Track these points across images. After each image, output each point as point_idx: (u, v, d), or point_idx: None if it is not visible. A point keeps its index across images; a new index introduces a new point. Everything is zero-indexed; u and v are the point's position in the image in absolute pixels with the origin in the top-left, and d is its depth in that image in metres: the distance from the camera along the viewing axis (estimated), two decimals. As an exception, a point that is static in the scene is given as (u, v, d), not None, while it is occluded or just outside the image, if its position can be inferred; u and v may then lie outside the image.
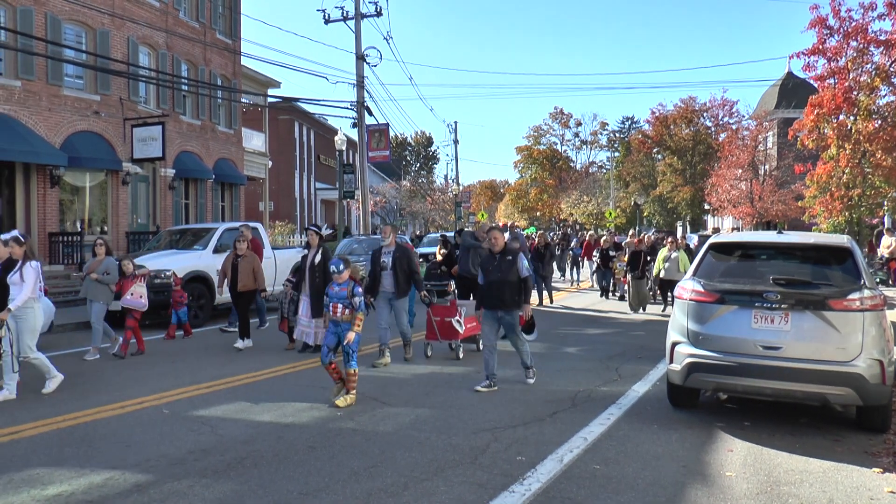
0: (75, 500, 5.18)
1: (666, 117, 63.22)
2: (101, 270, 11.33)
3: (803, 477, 5.69)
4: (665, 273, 16.70)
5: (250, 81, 33.83)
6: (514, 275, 8.62)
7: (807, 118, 22.04)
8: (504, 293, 8.64)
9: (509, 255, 8.72)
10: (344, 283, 8.00)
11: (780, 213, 43.19)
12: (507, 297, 8.64)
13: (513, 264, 8.66)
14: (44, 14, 20.84)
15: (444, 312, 10.94)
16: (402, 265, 10.54)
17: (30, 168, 20.65)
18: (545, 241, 19.34)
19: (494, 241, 8.83)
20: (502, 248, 8.82)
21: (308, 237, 11.51)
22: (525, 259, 8.85)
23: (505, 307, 8.67)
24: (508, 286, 8.61)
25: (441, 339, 10.98)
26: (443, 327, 10.88)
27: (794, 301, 6.70)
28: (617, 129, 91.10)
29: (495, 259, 8.79)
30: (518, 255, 8.76)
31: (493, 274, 8.71)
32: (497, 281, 8.65)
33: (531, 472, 5.69)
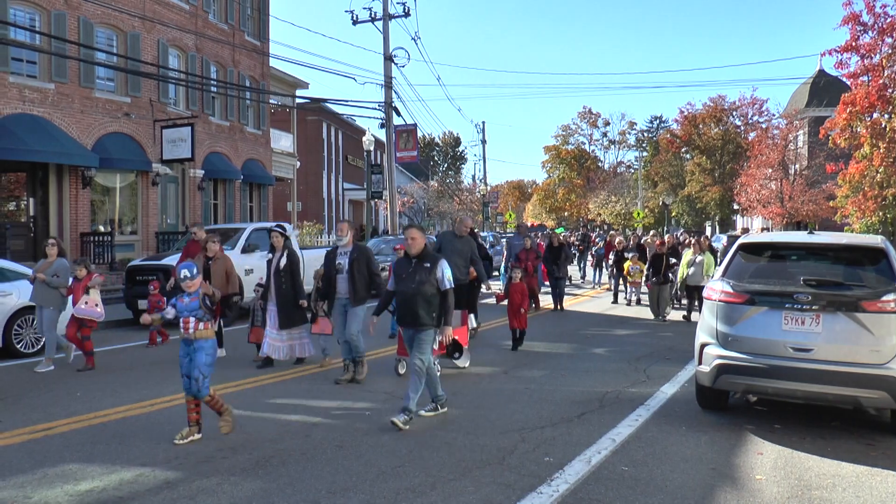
0: (107, 495, 5.24)
1: (695, 116, 62.72)
2: (50, 273, 10.38)
3: (836, 481, 5.61)
4: (690, 278, 15.66)
5: (278, 82, 34.08)
6: (431, 286, 7.18)
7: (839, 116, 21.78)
8: (417, 308, 7.16)
9: (427, 262, 7.26)
10: (195, 293, 6.76)
11: (811, 213, 42.65)
12: (422, 312, 7.16)
13: (430, 273, 7.20)
14: (76, 18, 21.16)
15: None
16: (360, 268, 9.21)
17: (62, 169, 20.98)
18: (559, 241, 18.24)
19: (411, 242, 7.35)
20: (419, 251, 7.32)
21: (272, 239, 10.52)
22: (446, 268, 7.29)
23: (417, 325, 7.19)
24: (423, 300, 7.16)
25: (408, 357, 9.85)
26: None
27: (826, 302, 6.61)
28: (645, 129, 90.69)
29: (410, 264, 7.35)
30: (439, 261, 7.30)
31: (405, 283, 7.27)
32: (410, 292, 7.19)
33: (559, 474, 5.66)
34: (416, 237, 7.37)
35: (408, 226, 8.19)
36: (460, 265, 11.64)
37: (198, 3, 26.60)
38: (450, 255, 11.42)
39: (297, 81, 35.64)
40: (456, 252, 11.74)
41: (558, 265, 17.63)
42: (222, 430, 6.63)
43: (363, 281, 9.20)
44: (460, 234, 12.04)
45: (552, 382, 9.17)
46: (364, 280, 9.21)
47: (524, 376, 9.57)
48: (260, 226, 17.26)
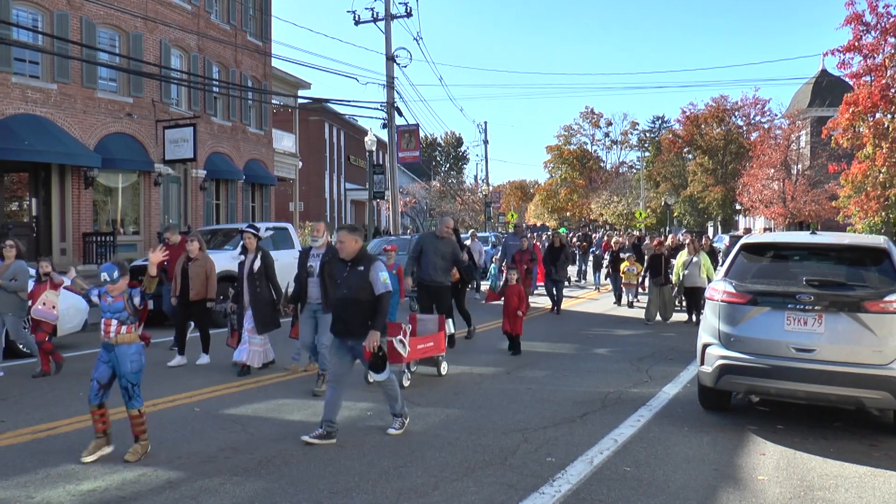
0: (109, 495, 5.25)
1: (697, 116, 62.61)
2: (7, 276, 9.87)
3: (838, 482, 5.60)
4: (687, 279, 15.04)
5: (280, 83, 34.09)
6: (366, 291, 6.60)
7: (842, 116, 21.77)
8: (351, 315, 6.58)
9: (361, 265, 6.67)
10: (119, 294, 6.16)
11: (814, 213, 42.58)
12: (355, 320, 6.56)
13: (364, 277, 6.61)
14: (79, 18, 21.18)
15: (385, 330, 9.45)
16: (331, 271, 8.43)
17: (65, 169, 21.00)
18: (560, 242, 17.53)
19: (340, 245, 6.74)
20: (352, 254, 6.72)
21: (244, 240, 10.03)
22: (382, 270, 6.72)
23: (352, 334, 6.60)
24: (357, 306, 6.57)
25: None
26: None
27: (829, 303, 6.60)
28: (647, 129, 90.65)
29: (346, 269, 6.77)
30: (373, 264, 6.70)
31: (339, 289, 6.75)
32: (343, 299, 6.65)
33: (561, 474, 5.66)
34: (344, 240, 6.72)
35: (338, 227, 7.16)
36: (441, 267, 11.34)
37: (200, 4, 26.61)
38: (431, 257, 11.28)
39: (299, 82, 35.65)
40: (437, 253, 11.37)
41: (557, 267, 17.01)
42: (127, 457, 5.93)
43: None
44: (442, 235, 11.62)
45: (554, 382, 9.17)
46: None
47: (526, 376, 9.58)
48: (262, 226, 17.26)
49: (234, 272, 14.84)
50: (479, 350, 11.67)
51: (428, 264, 11.36)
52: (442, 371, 9.57)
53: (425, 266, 11.39)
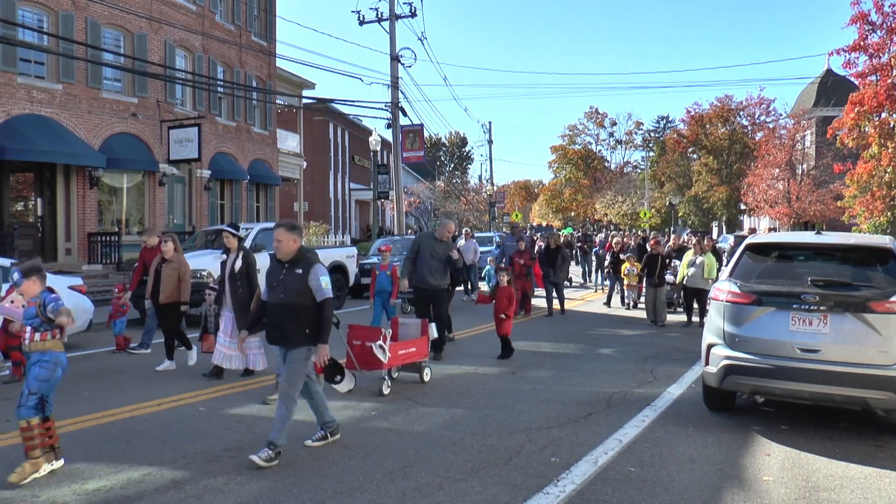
0: (114, 495, 5.26)
1: (701, 116, 62.55)
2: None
3: (844, 483, 5.59)
4: (689, 280, 14.64)
5: (285, 83, 34.12)
6: (304, 296, 6.06)
7: (847, 116, 21.72)
8: (286, 321, 6.05)
9: (300, 267, 6.12)
10: (34, 298, 5.75)
11: (819, 213, 42.48)
12: (291, 327, 6.03)
13: (302, 280, 6.07)
14: (84, 19, 21.22)
15: (364, 335, 8.60)
16: None
17: (70, 169, 21.05)
18: (556, 243, 17.14)
19: (277, 245, 6.17)
20: (290, 254, 6.16)
21: (224, 240, 9.67)
22: (323, 273, 6.16)
23: (287, 342, 6.08)
24: (293, 312, 6.03)
25: (360, 370, 8.44)
26: (362, 354, 8.45)
27: (834, 303, 6.59)
28: (652, 129, 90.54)
29: (282, 271, 6.20)
30: (313, 267, 6.14)
31: (274, 293, 6.17)
32: (278, 304, 6.10)
33: (565, 474, 5.66)
34: (281, 239, 6.16)
35: (275, 224, 6.59)
36: (438, 270, 11.02)
37: (205, 4, 26.65)
38: (427, 259, 10.96)
39: (303, 82, 35.67)
40: (434, 256, 11.03)
41: (554, 269, 16.64)
42: (11, 478, 5.43)
43: None
44: (441, 238, 11.21)
45: (559, 383, 9.17)
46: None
47: (531, 376, 9.57)
48: (267, 226, 17.26)
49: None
50: (483, 351, 11.65)
51: (424, 266, 11.01)
52: (425, 377, 9.13)
53: (421, 268, 11.02)
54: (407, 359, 8.89)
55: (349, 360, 8.47)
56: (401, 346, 8.78)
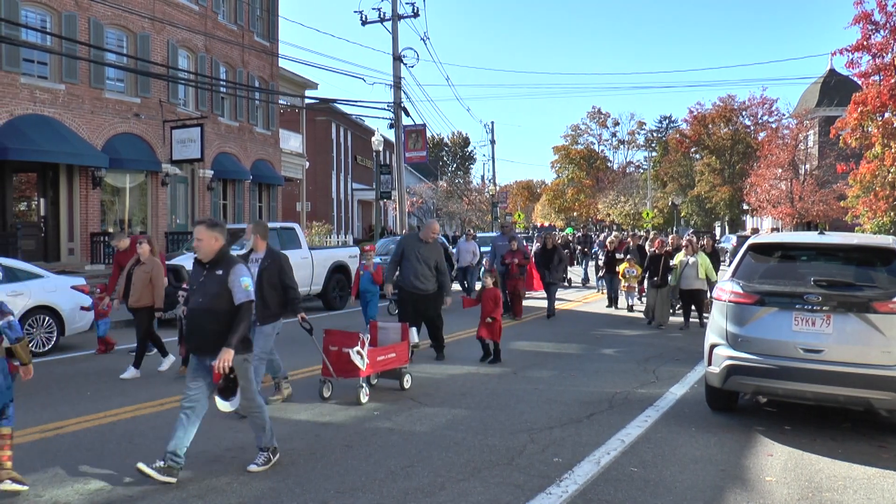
0: (116, 494, 5.26)
1: (704, 116, 62.51)
2: None
3: (847, 483, 5.58)
4: (683, 281, 14.15)
5: (288, 83, 34.15)
6: (224, 300, 5.60)
7: (850, 116, 21.67)
8: (207, 328, 5.58)
9: (219, 268, 5.64)
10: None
11: (822, 213, 42.45)
12: (213, 334, 5.55)
13: (222, 282, 5.60)
14: (87, 19, 21.25)
15: (341, 340, 8.19)
16: (271, 278, 7.82)
17: (73, 169, 21.08)
18: (553, 244, 16.64)
19: (197, 244, 5.64)
20: (210, 255, 5.65)
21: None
22: (244, 274, 5.68)
23: (211, 351, 5.58)
24: (214, 317, 5.58)
25: (336, 377, 8.14)
26: (338, 360, 8.09)
27: (837, 303, 6.57)
28: (654, 129, 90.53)
29: (202, 273, 5.72)
30: (234, 268, 5.65)
31: (194, 297, 5.71)
32: (197, 309, 5.64)
33: (568, 474, 5.66)
34: (202, 237, 5.64)
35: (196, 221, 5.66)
36: (424, 274, 10.50)
37: (207, 4, 26.68)
38: (412, 262, 10.48)
39: (306, 82, 35.70)
40: (420, 259, 10.51)
41: (550, 270, 16.12)
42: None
43: (274, 294, 7.83)
44: (426, 240, 10.71)
45: (561, 383, 9.16)
46: (275, 293, 7.84)
47: (533, 376, 9.57)
48: (270, 226, 17.27)
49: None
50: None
51: (409, 270, 10.52)
52: (405, 385, 8.70)
53: (405, 272, 10.55)
54: (386, 365, 8.46)
55: (325, 367, 8.19)
56: (380, 352, 8.38)
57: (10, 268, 11.61)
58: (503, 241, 16.58)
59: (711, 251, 16.64)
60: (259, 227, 8.11)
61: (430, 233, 10.73)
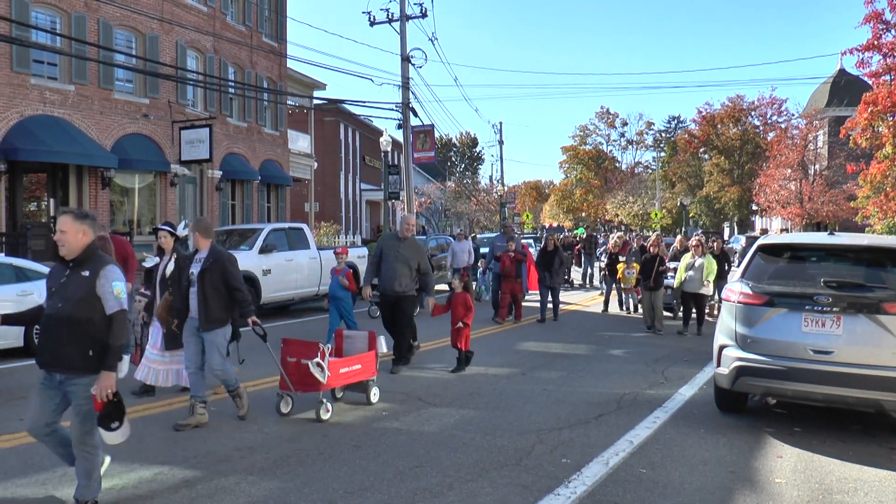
0: (126, 494, 5.28)
1: (713, 116, 62.29)
2: None
3: (857, 486, 5.55)
4: (687, 284, 13.61)
5: (296, 84, 34.20)
6: (88, 306, 4.74)
7: (860, 116, 21.55)
8: (62, 339, 4.75)
9: (86, 269, 4.80)
10: None
11: (831, 213, 42.25)
12: (69, 347, 4.75)
13: (89, 286, 4.76)
14: (96, 20, 21.33)
15: (300, 351, 7.48)
16: (214, 279, 7.13)
17: (82, 170, 21.16)
18: (556, 243, 15.95)
19: (60, 236, 4.80)
20: (76, 251, 4.82)
21: (159, 240, 8.33)
22: (117, 278, 4.85)
23: (63, 366, 4.78)
24: (73, 326, 4.74)
25: (295, 391, 7.45)
26: (297, 373, 7.41)
27: (847, 304, 6.54)
28: (663, 129, 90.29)
29: (64, 272, 4.88)
30: (104, 269, 4.82)
31: (52, 301, 4.84)
32: (54, 316, 4.79)
33: (576, 475, 5.65)
34: (66, 230, 4.81)
35: (61, 211, 4.94)
36: (403, 274, 9.93)
37: (216, 5, 26.74)
38: (391, 263, 9.92)
39: (314, 82, 35.74)
40: (399, 259, 9.93)
41: (551, 272, 15.51)
42: None
43: (218, 297, 7.14)
44: (404, 237, 10.15)
45: (570, 384, 9.14)
46: (219, 296, 7.14)
47: (542, 377, 9.56)
48: (278, 226, 17.36)
49: (247, 272, 15.02)
50: (494, 351, 11.65)
51: (387, 271, 9.97)
52: (372, 398, 8.02)
53: (384, 273, 10.02)
54: (350, 377, 7.76)
55: (283, 380, 7.52)
56: (343, 363, 7.68)
57: (21, 267, 11.67)
58: (502, 241, 16.23)
59: (721, 253, 16.34)
60: (199, 225, 7.44)
61: (406, 227, 10.20)
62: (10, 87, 18.91)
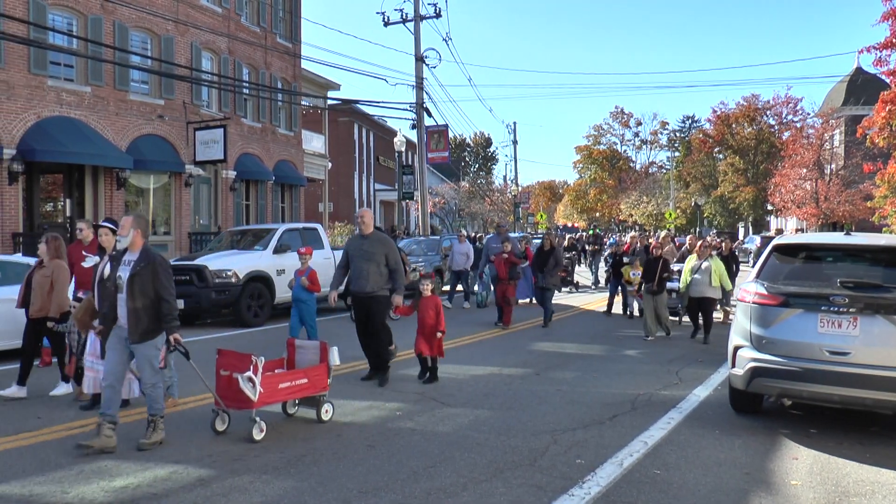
0: (141, 492, 5.31)
1: (728, 116, 62.05)
2: None
3: (875, 488, 5.50)
4: (693, 289, 12.80)
5: (310, 84, 34.31)
6: None
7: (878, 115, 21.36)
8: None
9: None
10: None
11: (848, 213, 41.96)
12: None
13: None
14: (112, 22, 21.48)
15: (233, 364, 6.72)
16: (144, 285, 6.35)
17: (98, 170, 21.30)
18: (552, 243, 15.10)
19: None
20: None
21: (100, 238, 7.81)
22: None
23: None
24: None
25: (227, 407, 6.74)
26: (229, 388, 6.66)
27: (864, 305, 6.48)
28: (677, 129, 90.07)
29: None
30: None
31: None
32: None
33: (591, 476, 5.63)
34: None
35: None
36: (372, 272, 9.17)
37: (230, 6, 26.87)
38: (357, 263, 9.23)
39: (328, 83, 35.84)
40: (363, 256, 9.21)
41: (545, 273, 14.68)
42: None
43: (149, 304, 6.38)
44: (365, 234, 9.40)
45: (584, 384, 9.12)
46: (150, 303, 6.39)
47: (556, 377, 9.54)
48: (292, 226, 17.41)
49: (261, 272, 15.11)
50: (508, 351, 11.64)
51: (355, 271, 9.30)
52: (323, 416, 7.23)
53: (353, 274, 9.33)
54: (293, 393, 7.03)
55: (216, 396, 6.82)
56: (283, 378, 6.94)
57: None
58: (496, 242, 15.64)
59: (729, 254, 15.72)
60: (140, 221, 6.57)
61: (363, 224, 9.42)
62: (27, 88, 19.08)
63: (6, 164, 18.48)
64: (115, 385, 6.44)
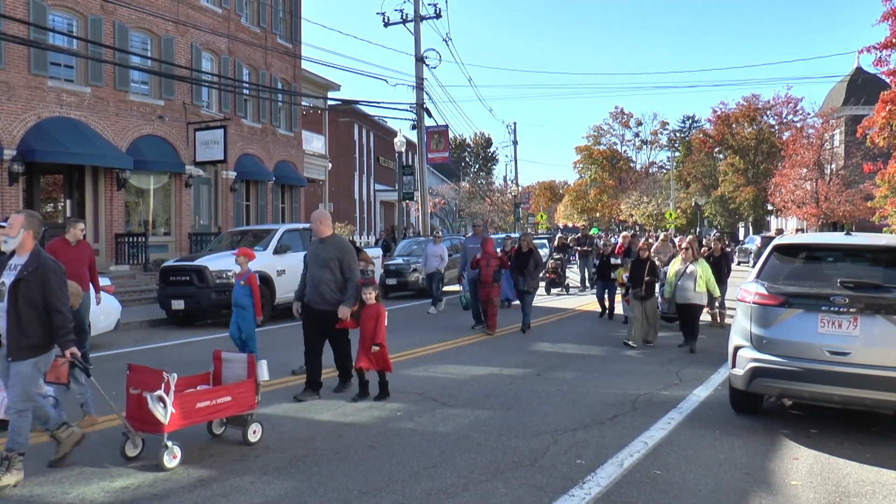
0: (142, 492, 5.31)
1: (728, 116, 62.02)
2: None
3: (875, 489, 5.50)
4: (678, 294, 11.96)
5: (310, 85, 34.32)
6: None
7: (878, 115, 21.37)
8: None
9: None
10: None
11: (848, 213, 41.97)
12: None
13: None
14: (112, 23, 21.50)
15: (144, 381, 5.98)
16: (30, 293, 5.50)
17: (98, 171, 21.32)
18: (529, 245, 14.28)
19: None
20: None
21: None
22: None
23: None
24: None
25: (135, 430, 5.97)
26: (138, 408, 5.95)
27: (864, 305, 6.48)
28: (678, 129, 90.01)
29: None
30: None
31: None
32: None
33: (591, 476, 5.63)
34: None
35: None
36: (327, 281, 8.30)
37: (230, 7, 26.88)
38: (313, 270, 8.42)
39: (328, 83, 35.85)
40: (318, 262, 8.38)
41: (525, 276, 13.96)
42: None
43: (35, 316, 5.53)
44: (319, 234, 8.54)
45: (584, 384, 9.12)
46: (37, 314, 5.54)
47: (556, 378, 9.54)
48: (292, 227, 17.41)
49: (262, 272, 15.05)
50: (509, 351, 11.64)
51: (310, 279, 8.45)
52: (250, 438, 6.49)
53: (308, 283, 8.49)
54: (214, 413, 6.31)
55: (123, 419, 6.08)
56: (202, 396, 6.21)
57: None
58: (474, 242, 14.91)
59: (721, 255, 15.03)
60: (32, 220, 5.79)
61: (319, 226, 8.56)
62: (27, 89, 19.09)
63: (6, 164, 18.50)
64: (25, 410, 5.57)
